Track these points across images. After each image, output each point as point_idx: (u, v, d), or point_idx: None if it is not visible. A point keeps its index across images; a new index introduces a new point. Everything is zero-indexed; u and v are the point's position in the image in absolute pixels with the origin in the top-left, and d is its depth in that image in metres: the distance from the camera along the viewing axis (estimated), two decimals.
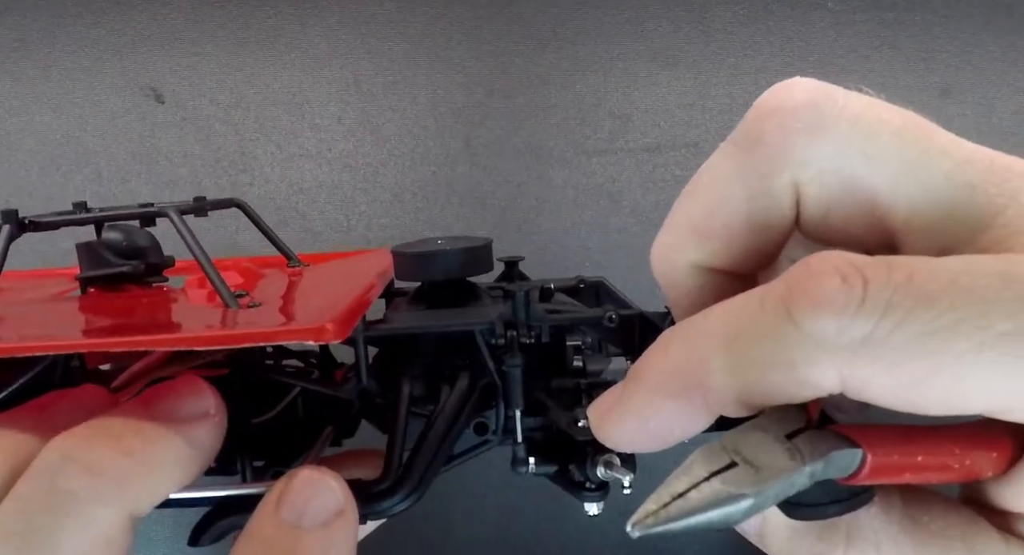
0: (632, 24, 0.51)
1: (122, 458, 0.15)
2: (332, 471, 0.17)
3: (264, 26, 0.51)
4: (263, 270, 0.26)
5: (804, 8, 0.51)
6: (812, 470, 0.15)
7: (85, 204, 0.22)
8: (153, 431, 0.15)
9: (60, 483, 0.14)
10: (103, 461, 0.14)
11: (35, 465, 0.14)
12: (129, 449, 0.15)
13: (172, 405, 0.16)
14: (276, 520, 0.16)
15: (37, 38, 0.51)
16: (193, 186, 0.50)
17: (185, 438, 0.16)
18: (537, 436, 0.19)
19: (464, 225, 0.50)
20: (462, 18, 0.51)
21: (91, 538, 0.14)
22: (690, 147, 0.50)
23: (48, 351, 0.16)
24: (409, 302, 0.21)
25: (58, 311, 0.21)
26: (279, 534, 0.16)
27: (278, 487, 0.16)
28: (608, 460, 0.18)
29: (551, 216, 0.50)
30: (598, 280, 0.24)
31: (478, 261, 0.20)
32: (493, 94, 0.50)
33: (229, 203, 0.25)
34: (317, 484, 0.16)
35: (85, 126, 0.50)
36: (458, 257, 0.20)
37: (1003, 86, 0.51)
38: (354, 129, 0.50)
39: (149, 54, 0.51)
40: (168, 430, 0.16)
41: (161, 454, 0.15)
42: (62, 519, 0.14)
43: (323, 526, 0.16)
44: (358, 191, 0.50)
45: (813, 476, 0.15)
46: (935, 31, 0.51)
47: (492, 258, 0.21)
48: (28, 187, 0.50)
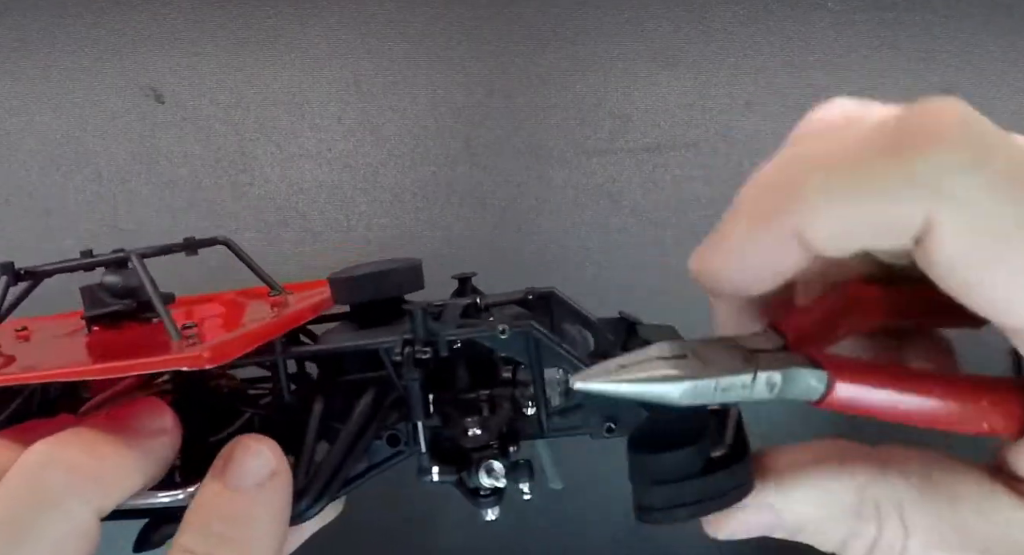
0: (632, 24, 0.51)
1: (95, 461, 0.17)
2: (269, 439, 0.19)
3: (264, 26, 0.51)
4: (248, 301, 0.28)
5: (804, 8, 0.51)
6: (770, 380, 0.15)
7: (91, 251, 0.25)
8: (120, 441, 0.18)
9: (43, 479, 0.16)
10: (79, 462, 0.16)
11: (20, 463, 0.16)
12: (101, 454, 0.17)
13: (136, 422, 0.19)
14: (219, 482, 0.18)
15: (37, 38, 0.51)
16: (193, 186, 0.50)
17: (145, 449, 0.18)
18: (447, 446, 0.20)
19: (464, 225, 0.50)
20: (462, 18, 0.51)
21: (69, 528, 0.16)
22: (690, 147, 0.50)
23: None
24: (343, 324, 0.23)
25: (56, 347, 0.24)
26: (222, 493, 0.18)
27: (223, 454, 0.19)
28: (488, 467, 0.20)
29: (551, 216, 0.50)
30: (548, 291, 0.25)
31: (397, 284, 0.22)
32: (493, 94, 0.50)
33: (214, 242, 0.27)
34: (254, 450, 0.18)
35: (85, 126, 0.50)
36: (374, 280, 0.21)
37: (1003, 86, 0.51)
38: (354, 129, 0.50)
39: (149, 54, 0.51)
40: (132, 441, 0.18)
41: (126, 460, 0.18)
42: (45, 510, 0.16)
43: (258, 486, 0.18)
44: (358, 191, 0.50)
45: (772, 388, 0.15)
46: (935, 31, 0.51)
47: (419, 279, 0.23)
48: (28, 187, 0.50)
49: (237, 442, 0.19)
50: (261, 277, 0.28)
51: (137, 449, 0.18)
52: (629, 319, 0.23)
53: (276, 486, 0.18)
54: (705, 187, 0.50)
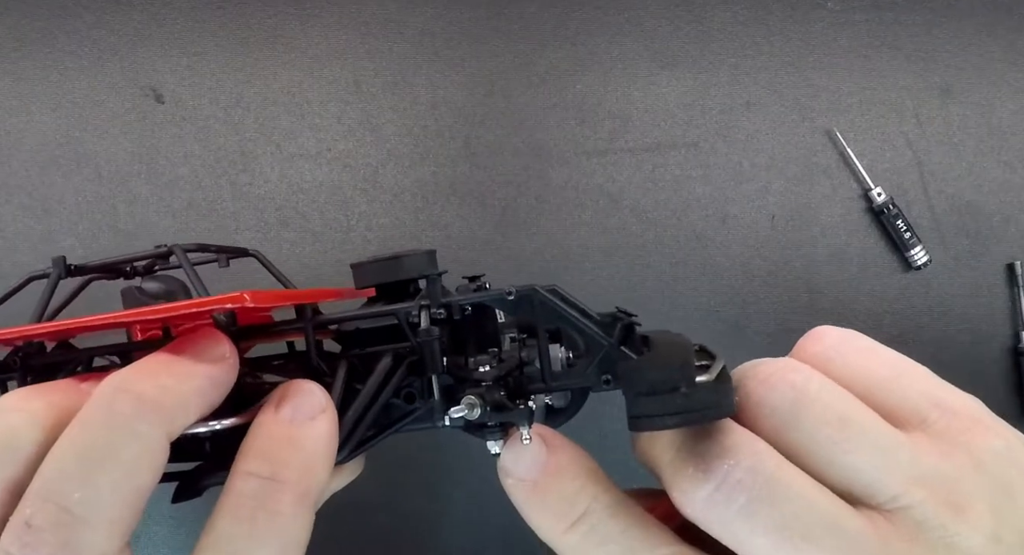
0: (632, 24, 0.51)
1: (161, 389, 0.18)
2: (317, 383, 0.21)
3: (264, 26, 0.51)
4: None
5: (804, 8, 0.51)
6: None
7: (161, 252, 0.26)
8: (184, 369, 0.19)
9: (116, 407, 0.18)
10: (148, 390, 0.18)
11: (94, 396, 0.18)
12: (167, 383, 0.19)
13: (196, 350, 0.20)
14: (275, 415, 0.20)
15: (37, 38, 0.51)
16: (193, 186, 0.50)
17: (207, 375, 0.20)
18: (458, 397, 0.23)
19: (464, 225, 0.50)
20: (462, 18, 0.51)
21: (141, 451, 0.18)
22: (690, 147, 0.50)
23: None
24: (363, 306, 0.26)
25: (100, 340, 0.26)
26: (277, 425, 0.20)
27: (277, 392, 0.21)
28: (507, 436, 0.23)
29: (551, 216, 0.50)
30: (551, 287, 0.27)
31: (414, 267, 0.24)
32: (493, 94, 0.50)
33: (245, 253, 0.29)
34: (306, 388, 0.21)
35: (85, 126, 0.50)
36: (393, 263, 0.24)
37: (1003, 86, 0.51)
38: (354, 129, 0.50)
39: (149, 54, 0.51)
40: (195, 369, 0.19)
41: (191, 387, 0.19)
42: (119, 435, 0.17)
43: (311, 419, 0.20)
44: (358, 191, 0.50)
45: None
46: (935, 31, 0.51)
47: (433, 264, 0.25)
48: (28, 187, 0.50)
49: (291, 382, 0.21)
50: (284, 284, 0.30)
51: (199, 376, 0.19)
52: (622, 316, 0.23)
53: (325, 420, 0.20)
54: (705, 187, 0.50)
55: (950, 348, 0.50)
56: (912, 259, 0.49)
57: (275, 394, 0.21)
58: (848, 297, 0.50)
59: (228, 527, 0.18)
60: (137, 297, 0.25)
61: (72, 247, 0.50)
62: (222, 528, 0.18)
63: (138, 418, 0.18)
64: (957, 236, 0.51)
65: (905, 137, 0.51)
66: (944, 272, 0.50)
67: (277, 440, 0.19)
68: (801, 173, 0.50)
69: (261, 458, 0.19)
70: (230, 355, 0.20)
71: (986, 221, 0.51)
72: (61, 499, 0.17)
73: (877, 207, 0.49)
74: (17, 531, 0.16)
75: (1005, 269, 0.50)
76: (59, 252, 0.49)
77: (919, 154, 0.51)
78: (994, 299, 0.50)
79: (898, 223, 0.49)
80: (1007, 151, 0.51)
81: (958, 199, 0.51)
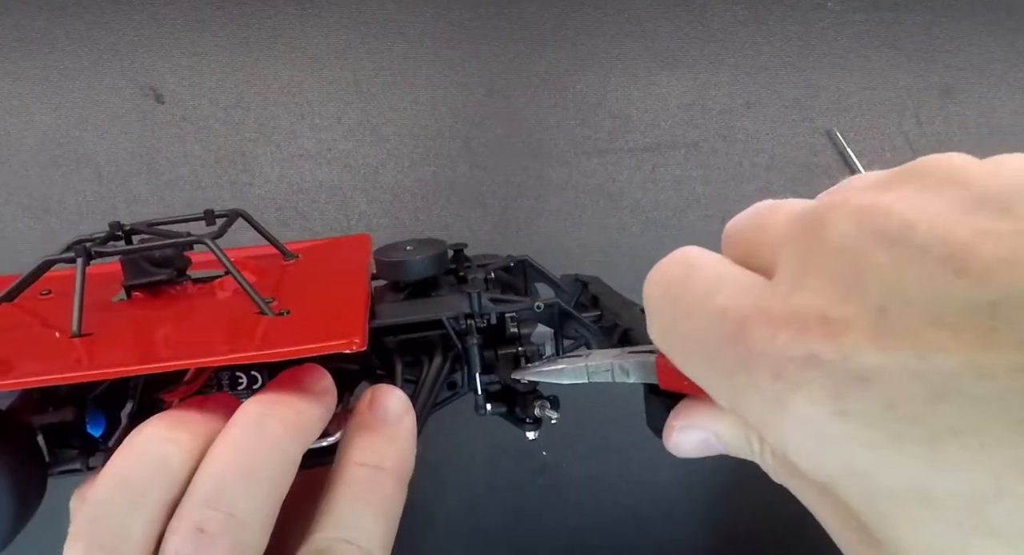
0: (632, 24, 0.51)
1: (297, 414, 0.22)
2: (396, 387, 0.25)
3: (264, 26, 0.51)
4: (262, 264, 0.30)
5: (804, 8, 0.51)
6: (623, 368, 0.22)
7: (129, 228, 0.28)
8: (307, 399, 0.23)
9: (267, 430, 0.21)
10: (288, 415, 0.22)
11: (241, 421, 0.21)
12: (299, 409, 0.22)
13: (311, 383, 0.24)
14: (370, 414, 0.24)
15: (37, 38, 0.51)
16: (193, 186, 0.50)
17: (321, 403, 0.23)
18: (492, 388, 0.27)
19: (464, 225, 0.50)
20: (462, 18, 0.51)
21: (286, 463, 0.21)
22: (690, 147, 0.50)
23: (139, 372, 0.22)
24: (390, 292, 0.29)
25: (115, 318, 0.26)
26: (373, 423, 0.24)
27: (367, 395, 0.25)
28: (542, 404, 0.26)
29: (551, 216, 0.50)
30: (523, 257, 0.33)
31: (441, 263, 0.28)
32: (493, 94, 0.50)
33: (235, 214, 0.30)
34: (392, 393, 0.25)
35: (85, 126, 0.50)
36: (427, 262, 0.27)
37: (1003, 86, 0.51)
38: (354, 129, 0.50)
39: (149, 54, 0.51)
40: (313, 398, 0.23)
41: (314, 413, 0.23)
42: (272, 452, 0.21)
43: (398, 417, 0.24)
44: (358, 191, 0.50)
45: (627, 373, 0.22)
46: (935, 31, 0.51)
47: (445, 260, 0.29)
48: (28, 187, 0.50)
49: (377, 388, 0.25)
50: (273, 243, 0.31)
51: (317, 404, 0.23)
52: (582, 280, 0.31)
53: (409, 417, 0.25)
54: (705, 187, 0.50)
55: None
56: None
57: (365, 396, 0.25)
58: None
59: (347, 507, 0.22)
60: (140, 265, 0.26)
61: None
62: (341, 508, 0.22)
63: (285, 438, 0.21)
64: None
65: (905, 137, 0.51)
66: None
67: (378, 437, 0.24)
68: (801, 173, 0.50)
69: (368, 451, 0.23)
70: (332, 387, 0.24)
71: None
72: (229, 508, 0.20)
73: None
74: (189, 536, 0.19)
75: None
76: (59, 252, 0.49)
77: (919, 154, 0.51)
78: None
79: None
80: (1007, 151, 0.51)
81: None
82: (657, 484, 0.49)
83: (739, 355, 0.14)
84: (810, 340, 0.13)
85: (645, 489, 0.49)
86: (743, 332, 0.14)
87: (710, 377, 0.16)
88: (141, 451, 0.21)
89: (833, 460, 0.13)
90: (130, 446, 0.21)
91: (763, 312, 0.14)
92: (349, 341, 0.22)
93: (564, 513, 0.49)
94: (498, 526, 0.49)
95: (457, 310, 0.26)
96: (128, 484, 0.20)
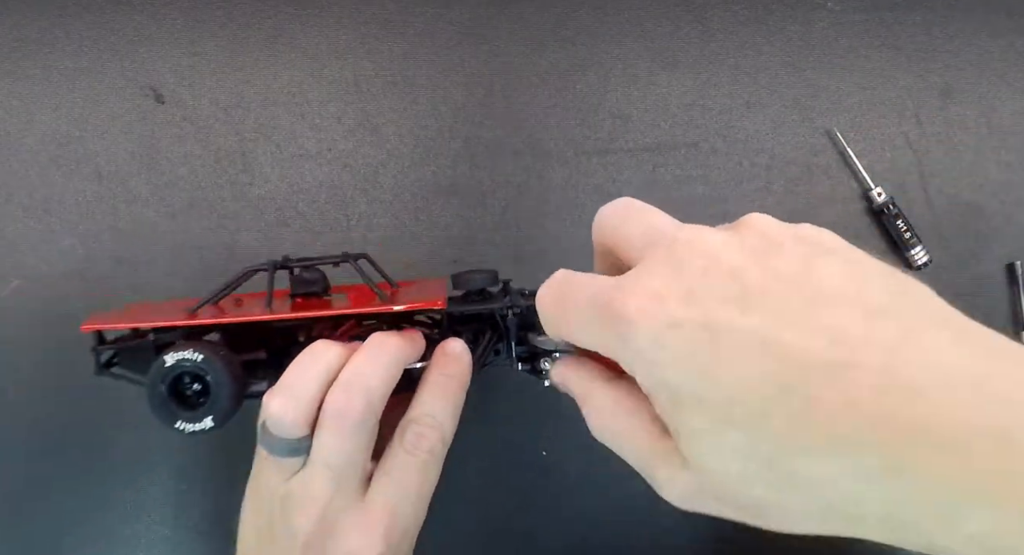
0: (632, 24, 0.51)
1: (399, 342, 0.33)
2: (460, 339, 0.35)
3: (264, 26, 0.51)
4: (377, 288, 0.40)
5: (804, 8, 0.51)
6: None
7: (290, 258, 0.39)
8: (407, 338, 0.34)
9: (383, 345, 0.32)
10: (399, 344, 0.33)
11: (369, 341, 0.33)
12: (402, 341, 0.33)
13: (410, 334, 0.35)
14: (444, 350, 0.35)
15: (37, 38, 0.51)
16: (193, 186, 0.50)
17: (415, 344, 0.34)
18: (522, 355, 0.36)
19: (464, 225, 0.50)
20: (462, 18, 0.51)
21: (394, 365, 0.32)
22: (690, 147, 0.50)
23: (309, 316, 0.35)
24: (460, 298, 0.38)
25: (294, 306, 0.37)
26: (446, 354, 0.35)
27: (440, 348, 0.35)
28: (547, 360, 0.34)
29: (551, 216, 0.50)
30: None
31: (492, 279, 0.37)
32: (493, 94, 0.50)
33: (360, 256, 0.39)
34: (458, 341, 0.35)
35: (85, 126, 0.50)
36: (483, 278, 0.37)
37: (1003, 86, 0.51)
38: (354, 129, 0.50)
39: (149, 54, 0.51)
40: (410, 339, 0.34)
41: (410, 346, 0.34)
42: (385, 356, 0.32)
43: (462, 352, 0.35)
44: (358, 191, 0.50)
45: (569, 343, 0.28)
46: (935, 31, 0.51)
47: (496, 279, 0.38)
48: (28, 187, 0.50)
49: (449, 339, 0.35)
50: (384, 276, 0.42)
51: (412, 343, 0.34)
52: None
53: (468, 354, 0.35)
54: (705, 187, 0.50)
55: None
56: (912, 259, 0.49)
57: (439, 348, 0.35)
58: None
59: (428, 398, 0.33)
60: (302, 281, 0.38)
61: (72, 247, 0.50)
62: (424, 399, 0.33)
63: (394, 351, 0.32)
64: (957, 236, 0.51)
65: (905, 137, 0.51)
66: (944, 272, 0.50)
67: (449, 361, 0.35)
68: (801, 173, 0.50)
69: (442, 368, 0.34)
70: (422, 338, 0.35)
71: (986, 221, 0.51)
72: (362, 380, 0.31)
73: (877, 207, 0.49)
74: (339, 389, 0.30)
75: (1005, 269, 0.50)
76: (59, 252, 0.49)
77: (919, 154, 0.51)
78: (994, 299, 0.50)
79: (898, 223, 0.49)
80: (1007, 151, 0.51)
81: (958, 199, 0.51)
82: None
83: (606, 318, 0.22)
84: (648, 303, 0.21)
85: (645, 489, 0.49)
86: (608, 304, 0.22)
87: (590, 338, 0.24)
88: (318, 349, 0.32)
89: (656, 376, 0.22)
90: (312, 350, 0.32)
91: (620, 290, 0.22)
92: (435, 301, 0.35)
93: (564, 513, 0.49)
94: (498, 525, 0.49)
95: (502, 304, 0.36)
96: (309, 364, 0.31)
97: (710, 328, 0.20)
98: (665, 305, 0.21)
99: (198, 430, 0.31)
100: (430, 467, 0.33)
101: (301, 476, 0.31)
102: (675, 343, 0.20)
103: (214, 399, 0.31)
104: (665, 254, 0.22)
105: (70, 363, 0.49)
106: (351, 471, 0.31)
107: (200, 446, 0.49)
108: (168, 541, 0.49)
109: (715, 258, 0.21)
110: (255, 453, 0.33)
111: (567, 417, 0.49)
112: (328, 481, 0.30)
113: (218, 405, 0.31)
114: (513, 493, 0.49)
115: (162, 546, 0.49)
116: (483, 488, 0.49)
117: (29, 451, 0.49)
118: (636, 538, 0.49)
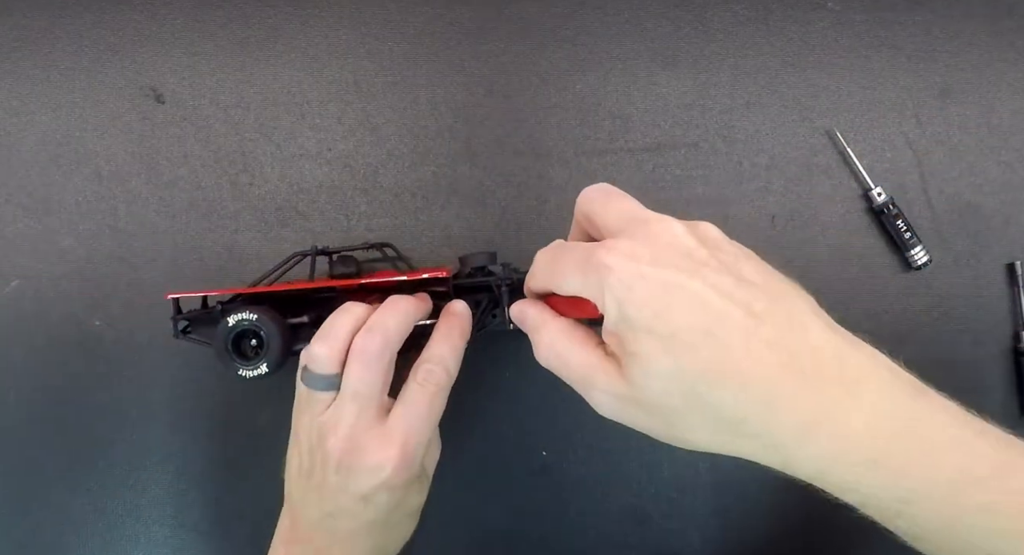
0: (632, 24, 0.51)
1: (411, 303, 0.40)
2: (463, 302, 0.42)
3: (264, 26, 0.51)
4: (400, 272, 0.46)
5: (804, 8, 0.51)
6: None
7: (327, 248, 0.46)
8: (417, 300, 0.41)
9: (398, 303, 0.39)
10: (412, 305, 0.40)
11: (387, 300, 0.39)
12: (414, 302, 0.40)
13: (420, 297, 0.41)
14: (449, 309, 0.41)
15: (37, 38, 0.51)
16: (193, 186, 0.50)
17: (424, 305, 0.41)
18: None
19: (464, 224, 0.50)
20: (462, 18, 0.51)
21: (407, 318, 0.39)
22: (690, 147, 0.50)
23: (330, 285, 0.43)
24: (464, 276, 0.44)
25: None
26: (450, 311, 0.41)
27: (446, 308, 0.41)
28: None
29: (551, 216, 0.50)
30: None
31: (490, 259, 0.43)
32: (493, 94, 0.50)
33: (384, 245, 0.48)
34: (459, 301, 0.42)
35: (85, 126, 0.50)
36: (482, 257, 0.43)
37: (1003, 86, 0.51)
38: (354, 129, 0.50)
39: (149, 54, 0.51)
40: (420, 301, 0.41)
41: (420, 306, 0.41)
42: (400, 310, 0.38)
43: (463, 310, 0.41)
44: (358, 191, 0.50)
45: None
46: (935, 31, 0.51)
47: (495, 260, 0.44)
48: (28, 187, 0.50)
49: (453, 301, 0.42)
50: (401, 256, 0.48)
51: (422, 304, 0.41)
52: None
53: (468, 315, 0.41)
54: (705, 187, 0.50)
55: (950, 348, 0.50)
56: (912, 259, 0.49)
57: (445, 308, 0.41)
58: (848, 297, 0.50)
59: (435, 345, 0.40)
60: (341, 268, 0.45)
61: (72, 247, 0.50)
62: (432, 346, 0.40)
63: (408, 308, 0.39)
64: (957, 236, 0.51)
65: (905, 137, 0.51)
66: (944, 272, 0.50)
67: (452, 316, 0.41)
68: (801, 173, 0.50)
69: (446, 321, 0.41)
70: (430, 300, 0.42)
71: (986, 221, 0.51)
72: (382, 325, 0.37)
73: (877, 207, 0.49)
74: (363, 332, 0.37)
75: (1005, 269, 0.50)
76: (59, 252, 0.49)
77: (919, 154, 0.51)
78: (994, 299, 0.50)
79: (898, 223, 0.49)
80: (1007, 151, 0.51)
81: (958, 199, 0.51)
82: (657, 484, 0.49)
83: (592, 266, 0.29)
84: (625, 260, 0.28)
85: (645, 489, 0.49)
86: (596, 255, 0.29)
87: (574, 283, 0.30)
88: (348, 307, 0.39)
89: (621, 311, 0.28)
90: (343, 307, 0.39)
91: (605, 247, 0.29)
92: (442, 269, 0.41)
93: (564, 513, 0.49)
94: (498, 526, 0.49)
95: (498, 276, 0.43)
96: (342, 317, 0.38)
97: (666, 284, 0.27)
98: (638, 262, 0.28)
99: (255, 375, 0.39)
100: (437, 398, 0.39)
101: (332, 408, 0.38)
102: (640, 289, 0.28)
103: (267, 350, 0.39)
104: (643, 230, 0.30)
105: (70, 363, 0.49)
106: (373, 400, 0.37)
107: (200, 447, 0.49)
108: (168, 541, 0.49)
109: (677, 238, 0.29)
110: (295, 400, 0.40)
111: (567, 417, 0.49)
112: (354, 407, 0.37)
113: (271, 354, 0.39)
114: (513, 493, 0.49)
115: (162, 546, 0.49)
116: (483, 488, 0.49)
117: (29, 451, 0.49)
118: (636, 538, 0.49)
